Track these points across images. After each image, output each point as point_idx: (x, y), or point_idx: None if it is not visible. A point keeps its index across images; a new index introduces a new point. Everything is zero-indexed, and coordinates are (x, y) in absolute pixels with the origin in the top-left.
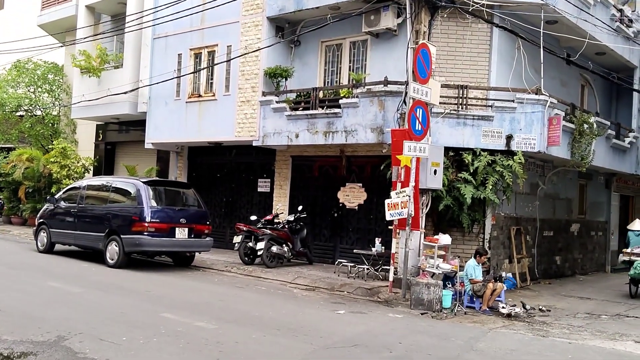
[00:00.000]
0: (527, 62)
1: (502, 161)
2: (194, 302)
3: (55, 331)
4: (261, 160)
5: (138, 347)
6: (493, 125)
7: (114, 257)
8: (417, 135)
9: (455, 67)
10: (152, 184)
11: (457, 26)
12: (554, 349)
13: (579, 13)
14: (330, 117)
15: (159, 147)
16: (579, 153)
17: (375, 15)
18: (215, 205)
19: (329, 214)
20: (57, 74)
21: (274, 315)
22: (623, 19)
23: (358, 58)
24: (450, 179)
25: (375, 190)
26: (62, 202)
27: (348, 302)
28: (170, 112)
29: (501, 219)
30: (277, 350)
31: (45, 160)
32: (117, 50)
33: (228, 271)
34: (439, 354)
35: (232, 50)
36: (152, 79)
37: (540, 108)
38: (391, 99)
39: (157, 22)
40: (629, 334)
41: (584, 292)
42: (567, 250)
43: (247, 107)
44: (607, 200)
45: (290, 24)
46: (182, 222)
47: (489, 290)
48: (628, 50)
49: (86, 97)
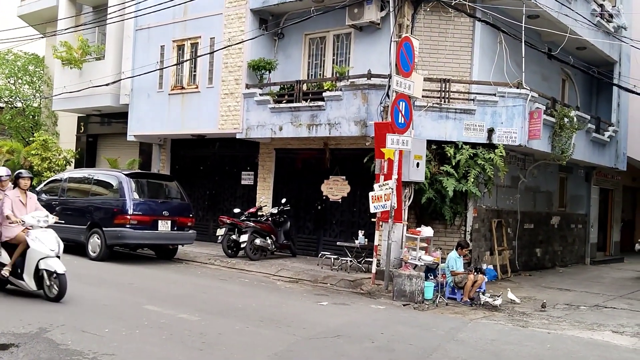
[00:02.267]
0: (508, 56)
1: (484, 154)
2: (177, 295)
3: (37, 323)
4: (245, 153)
5: (121, 339)
6: (475, 119)
7: (96, 250)
8: (400, 128)
9: (437, 61)
10: (135, 177)
11: (439, 20)
12: (533, 339)
13: (560, 8)
14: (313, 110)
15: (141, 139)
16: (559, 146)
17: (359, 9)
18: (199, 198)
19: (313, 207)
20: (37, 65)
21: (257, 307)
22: (603, 14)
23: (342, 51)
24: (432, 172)
25: (358, 183)
26: (43, 195)
27: (331, 294)
28: (153, 105)
29: (482, 211)
30: (260, 341)
31: (26, 153)
32: (99, 41)
33: (211, 264)
34: (420, 344)
35: (215, 42)
36: (134, 71)
37: (522, 102)
38: (374, 92)
39: (139, 14)
40: (607, 324)
41: (563, 284)
42: (547, 242)
43: (230, 100)
44: (587, 194)
45: (274, 17)
46: (164, 214)
47: (470, 281)
48: (608, 45)
49: (67, 89)
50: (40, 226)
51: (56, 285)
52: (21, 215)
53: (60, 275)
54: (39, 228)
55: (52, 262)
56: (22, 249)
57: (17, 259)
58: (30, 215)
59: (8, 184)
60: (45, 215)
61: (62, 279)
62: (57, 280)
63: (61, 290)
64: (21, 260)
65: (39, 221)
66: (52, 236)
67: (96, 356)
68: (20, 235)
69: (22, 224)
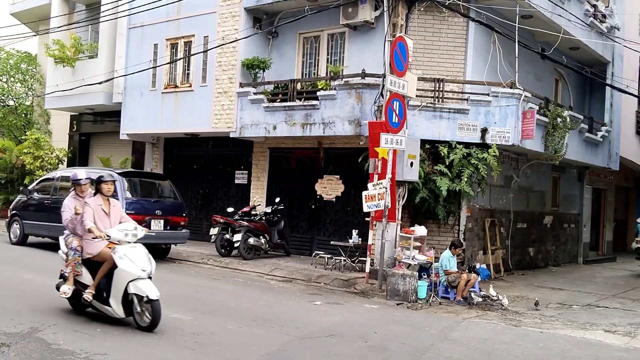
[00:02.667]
0: (502, 56)
1: (477, 154)
2: (169, 294)
3: (29, 322)
4: (238, 151)
5: (113, 338)
6: (468, 119)
7: None
8: (394, 127)
9: (431, 61)
10: (127, 175)
11: (433, 20)
12: (526, 338)
13: (553, 8)
14: (307, 109)
15: (134, 138)
16: (552, 146)
17: (353, 8)
18: (192, 197)
19: (307, 206)
20: (30, 63)
21: (251, 307)
22: (597, 14)
23: (336, 50)
24: (426, 172)
25: (352, 182)
26: (35, 194)
27: (325, 293)
28: (146, 103)
29: (476, 211)
30: (254, 340)
31: (18, 151)
32: (92, 39)
33: (204, 263)
34: (414, 344)
35: (209, 40)
36: (127, 69)
37: (515, 102)
38: (369, 92)
39: (132, 12)
40: (599, 323)
41: (556, 283)
42: (540, 242)
43: (224, 99)
44: (580, 193)
45: (268, 15)
46: (157, 213)
47: (463, 281)
48: (601, 45)
49: (60, 87)
50: (129, 241)
51: (148, 312)
52: (105, 228)
53: (153, 301)
54: (127, 243)
55: (144, 285)
56: (108, 268)
57: (102, 279)
58: (117, 229)
59: (88, 189)
60: (134, 228)
61: (156, 305)
62: (149, 306)
63: (154, 318)
64: (106, 282)
65: (127, 235)
66: (143, 253)
67: (88, 356)
68: (105, 251)
69: (107, 238)
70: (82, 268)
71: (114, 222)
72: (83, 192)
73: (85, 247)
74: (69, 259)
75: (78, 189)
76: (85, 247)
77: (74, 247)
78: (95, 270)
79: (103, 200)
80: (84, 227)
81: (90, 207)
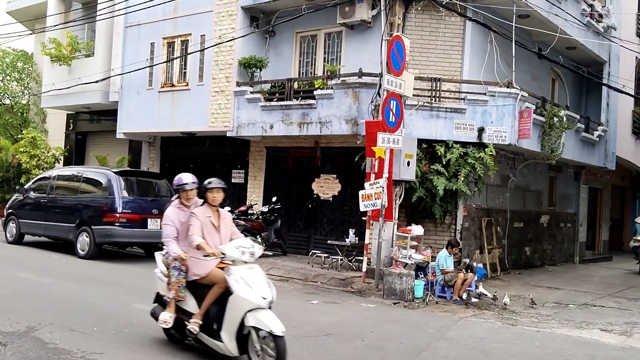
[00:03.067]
0: (499, 55)
1: (474, 153)
2: None
3: (25, 322)
4: (235, 151)
5: (109, 338)
6: (465, 118)
7: (85, 248)
8: (391, 127)
9: (428, 60)
10: (124, 174)
11: (430, 19)
12: (522, 337)
13: (550, 7)
14: (304, 108)
15: (131, 137)
16: (549, 146)
17: (350, 7)
18: None
19: (304, 205)
20: (26, 62)
21: None
22: (593, 14)
23: (333, 49)
24: (423, 171)
25: (349, 181)
26: (31, 193)
27: (321, 293)
28: (143, 102)
29: (472, 210)
30: None
31: (14, 150)
32: (88, 38)
33: None
34: (411, 343)
35: (206, 39)
36: (124, 68)
37: (512, 101)
38: (365, 91)
39: (129, 10)
40: (595, 322)
41: (552, 282)
42: (536, 241)
43: (221, 98)
44: (576, 193)
45: (265, 14)
46: (154, 212)
47: (459, 280)
48: (598, 45)
49: (56, 86)
50: (245, 260)
51: (271, 350)
52: (214, 245)
53: (277, 337)
54: (243, 263)
55: (266, 316)
56: (218, 293)
57: (211, 307)
58: (233, 245)
59: (195, 196)
60: (251, 245)
61: (281, 343)
62: (271, 343)
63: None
64: (217, 311)
65: (244, 253)
66: (262, 276)
67: (85, 355)
68: (215, 273)
69: (222, 257)
70: (186, 293)
71: (224, 239)
72: (189, 199)
73: (192, 267)
74: (172, 281)
75: (183, 195)
76: (192, 267)
77: (177, 267)
78: (200, 295)
79: (212, 212)
80: (190, 243)
81: (197, 219)
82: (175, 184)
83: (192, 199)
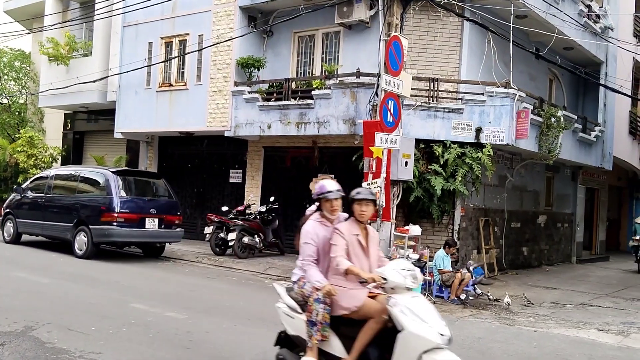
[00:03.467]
0: (496, 56)
1: (472, 153)
2: (164, 293)
3: (23, 321)
4: (233, 150)
5: (107, 337)
6: (463, 118)
7: (83, 248)
8: (389, 127)
9: (426, 60)
10: (122, 174)
11: (428, 19)
12: (520, 337)
13: (548, 8)
14: (302, 108)
15: (128, 136)
16: (546, 146)
17: (348, 7)
18: (186, 196)
19: (301, 205)
20: (24, 61)
21: (245, 305)
22: (591, 14)
23: (331, 49)
24: (420, 171)
25: (347, 181)
26: (29, 192)
27: None
28: (141, 102)
29: (470, 210)
30: (248, 339)
31: (11, 150)
32: (86, 38)
33: (199, 262)
34: None
35: (204, 39)
36: (122, 68)
37: (509, 101)
38: (363, 91)
39: (127, 10)
40: (593, 322)
41: (549, 282)
42: (534, 241)
43: (219, 97)
44: (574, 193)
45: (263, 14)
46: (152, 212)
47: (457, 280)
48: (595, 45)
49: (54, 86)
50: (408, 286)
51: None
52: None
53: None
54: (405, 290)
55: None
56: (376, 330)
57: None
58: (393, 269)
59: (339, 208)
60: (411, 268)
61: None
62: None
63: None
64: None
65: (406, 277)
66: (430, 306)
67: (82, 354)
68: (371, 305)
69: (382, 284)
70: (329, 332)
71: (374, 264)
72: (333, 211)
73: (340, 299)
74: (317, 319)
75: (326, 206)
76: (340, 299)
77: (322, 300)
78: (345, 334)
79: (359, 229)
80: (335, 268)
81: (342, 238)
82: (316, 193)
83: (337, 211)
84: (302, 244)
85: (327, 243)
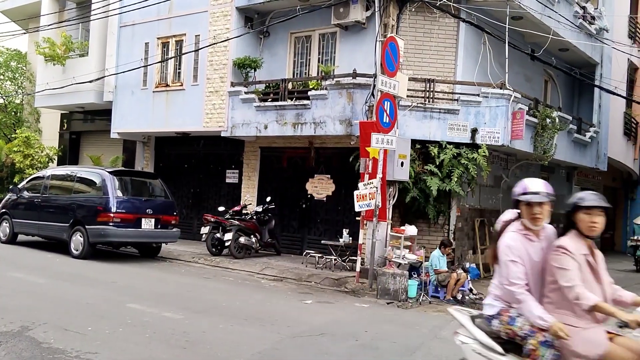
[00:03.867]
0: (492, 57)
1: (467, 154)
2: (160, 293)
3: (19, 321)
4: (229, 151)
5: (104, 337)
6: (459, 119)
7: (79, 248)
8: (385, 127)
9: (422, 61)
10: (118, 174)
11: (424, 20)
12: None
13: (543, 9)
14: (299, 108)
15: (125, 137)
16: (541, 147)
17: (345, 8)
18: (183, 196)
19: (298, 205)
20: (20, 61)
21: (242, 306)
22: (586, 16)
23: (327, 50)
24: (416, 171)
25: (343, 181)
26: (25, 192)
27: (315, 292)
28: (137, 102)
29: (466, 210)
30: (245, 339)
31: (7, 150)
32: (83, 38)
33: (195, 262)
34: (404, 342)
35: (201, 40)
36: (118, 68)
37: (505, 102)
38: (359, 92)
39: (123, 10)
40: None
41: None
42: None
43: (215, 98)
44: (569, 193)
45: (260, 15)
46: (148, 212)
47: (453, 280)
48: (590, 46)
49: (50, 86)
50: None
51: None
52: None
53: None
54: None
55: None
56: None
57: None
58: None
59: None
60: None
61: None
62: None
63: None
64: None
65: None
66: None
67: (79, 355)
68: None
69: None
70: None
71: (608, 292)
72: (536, 219)
73: (572, 342)
74: None
75: (527, 212)
76: (572, 342)
77: (549, 342)
78: None
79: (586, 246)
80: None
81: (574, 260)
82: (517, 192)
83: (541, 220)
84: (506, 261)
85: (536, 264)
